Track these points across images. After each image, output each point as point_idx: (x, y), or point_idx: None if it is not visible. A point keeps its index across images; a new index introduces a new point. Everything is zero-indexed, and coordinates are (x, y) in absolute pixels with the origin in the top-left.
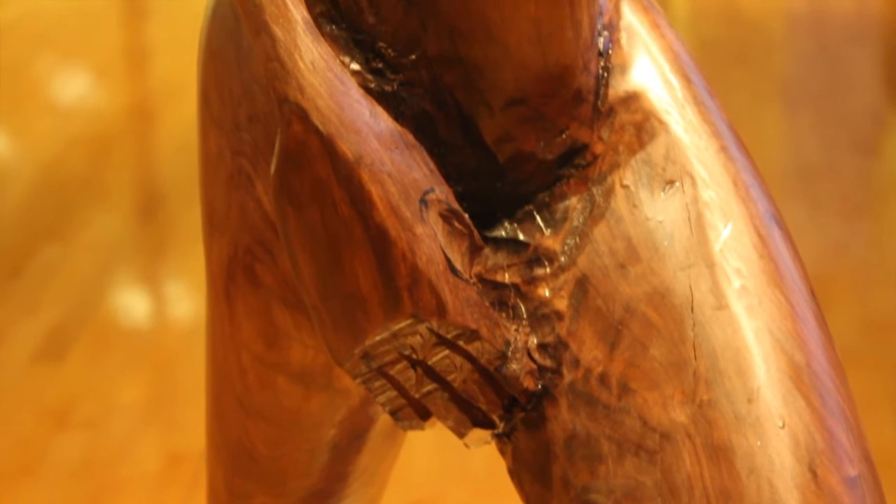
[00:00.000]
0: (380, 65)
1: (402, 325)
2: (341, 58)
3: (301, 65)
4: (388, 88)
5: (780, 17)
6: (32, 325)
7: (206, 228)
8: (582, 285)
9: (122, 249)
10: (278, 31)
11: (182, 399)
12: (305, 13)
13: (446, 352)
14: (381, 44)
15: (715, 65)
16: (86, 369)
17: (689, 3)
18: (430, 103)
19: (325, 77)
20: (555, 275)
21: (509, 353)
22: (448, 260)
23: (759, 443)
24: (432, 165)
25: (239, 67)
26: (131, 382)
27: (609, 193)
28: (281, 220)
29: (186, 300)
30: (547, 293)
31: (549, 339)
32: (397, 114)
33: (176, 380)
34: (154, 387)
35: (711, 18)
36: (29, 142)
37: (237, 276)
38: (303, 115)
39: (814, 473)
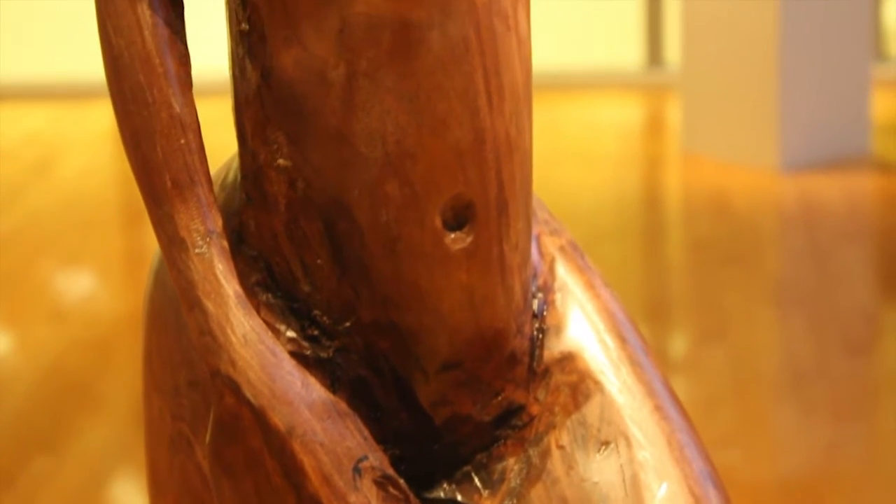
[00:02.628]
0: (315, 332)
1: None
2: (277, 325)
3: (233, 339)
4: (323, 355)
5: (771, 216)
6: None
7: (151, 489)
8: None
9: (115, 458)
10: (210, 306)
11: None
12: (237, 287)
13: None
14: (317, 311)
15: (707, 264)
16: None
17: (680, 201)
18: (365, 369)
19: (257, 350)
20: None
21: None
22: None
23: None
24: (366, 433)
25: (178, 333)
26: None
27: (545, 454)
28: (216, 489)
29: None
30: None
31: None
32: (333, 379)
33: None
34: None
35: (703, 216)
36: (28, 348)
37: None
38: (235, 388)
39: None
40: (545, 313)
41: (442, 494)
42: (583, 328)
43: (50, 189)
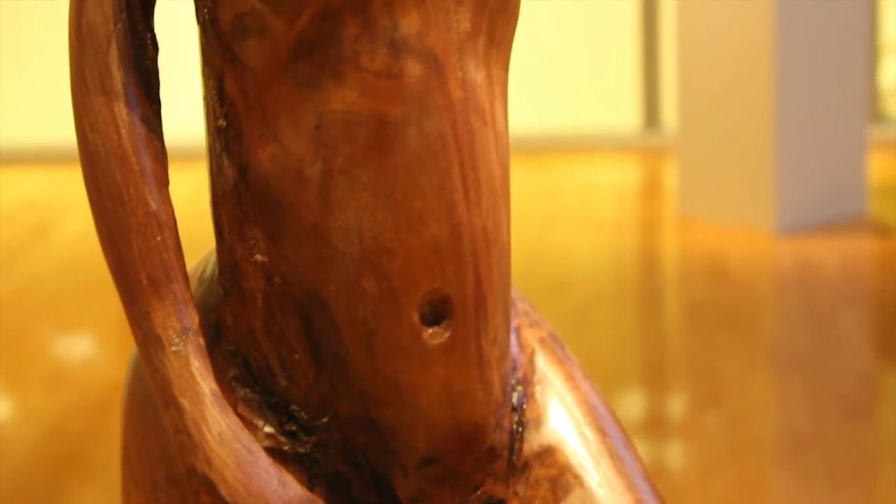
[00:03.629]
0: (293, 427)
1: None
2: (255, 421)
3: (209, 437)
4: (301, 450)
5: (767, 279)
6: None
7: None
8: None
9: None
10: (186, 404)
11: None
12: (213, 384)
13: None
14: (294, 406)
15: (703, 328)
16: None
17: (677, 264)
18: (343, 464)
19: (233, 448)
20: None
21: None
22: None
23: None
24: None
25: (157, 429)
26: None
27: None
28: None
29: None
30: None
31: None
32: (311, 475)
33: None
34: None
35: (700, 280)
36: (26, 412)
37: None
38: (210, 487)
39: None
40: (525, 406)
41: None
42: (563, 421)
43: (48, 253)
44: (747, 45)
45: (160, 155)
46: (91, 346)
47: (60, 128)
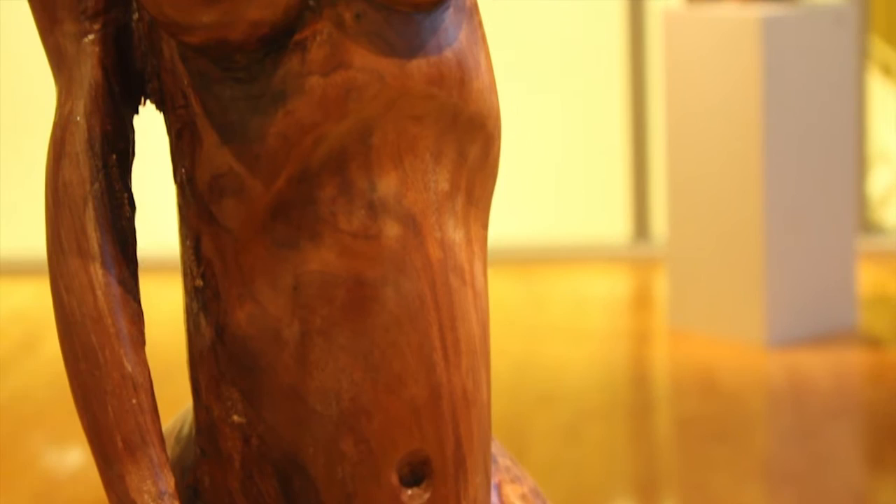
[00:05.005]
0: None
1: None
2: None
3: None
4: None
5: (759, 393)
6: None
7: None
8: None
9: None
10: None
11: None
12: None
13: None
14: None
15: (694, 442)
16: None
17: (668, 377)
18: None
19: None
20: None
21: None
22: None
23: None
24: None
25: None
26: None
27: None
28: None
29: None
30: None
31: None
32: None
33: None
34: None
35: (691, 394)
36: None
37: None
38: None
39: None
40: None
41: None
42: None
43: (37, 365)
44: (736, 156)
45: (136, 316)
46: (81, 459)
47: None
